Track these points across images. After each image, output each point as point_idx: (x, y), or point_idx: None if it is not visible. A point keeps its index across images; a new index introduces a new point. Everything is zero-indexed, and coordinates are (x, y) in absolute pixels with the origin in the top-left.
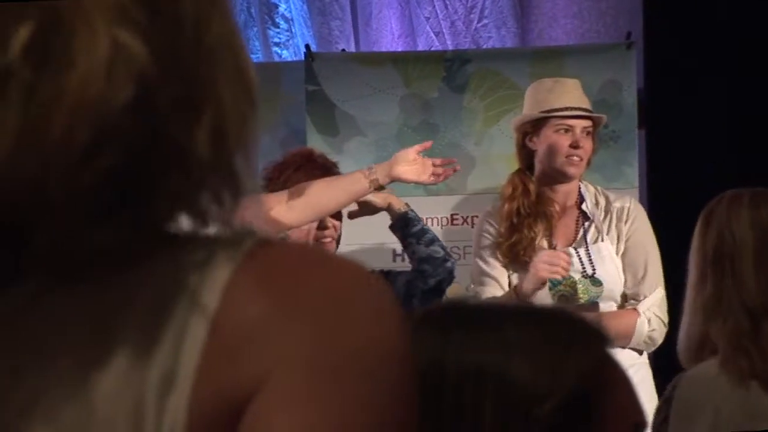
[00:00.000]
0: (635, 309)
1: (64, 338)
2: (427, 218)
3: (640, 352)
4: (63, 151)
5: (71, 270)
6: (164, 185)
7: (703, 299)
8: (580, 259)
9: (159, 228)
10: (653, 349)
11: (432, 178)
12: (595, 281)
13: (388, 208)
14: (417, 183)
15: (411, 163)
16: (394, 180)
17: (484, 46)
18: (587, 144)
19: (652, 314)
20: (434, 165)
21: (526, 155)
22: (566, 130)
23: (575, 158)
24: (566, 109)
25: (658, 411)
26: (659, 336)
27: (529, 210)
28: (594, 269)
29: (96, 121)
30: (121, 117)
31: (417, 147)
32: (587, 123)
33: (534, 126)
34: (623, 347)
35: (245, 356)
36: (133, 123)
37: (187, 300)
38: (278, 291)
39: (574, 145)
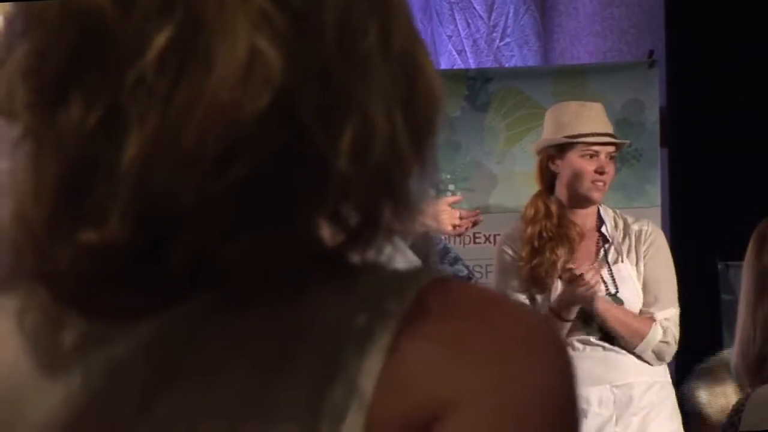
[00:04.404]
0: (651, 317)
1: (229, 370)
2: (449, 237)
3: (664, 370)
4: (196, 158)
5: (239, 288)
6: (305, 197)
7: (762, 315)
8: (602, 278)
9: (319, 251)
10: (659, 364)
11: (453, 230)
12: (617, 299)
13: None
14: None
15: (440, 213)
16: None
17: (507, 65)
18: (611, 169)
19: (667, 326)
20: (460, 217)
21: (548, 177)
22: (591, 156)
23: (600, 183)
24: (593, 135)
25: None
26: (669, 350)
27: (551, 233)
28: (617, 288)
29: (230, 127)
30: (257, 125)
31: (449, 199)
32: (611, 148)
33: (559, 150)
34: (630, 349)
35: (419, 392)
36: (271, 131)
37: (360, 333)
38: (456, 327)
39: (600, 171)
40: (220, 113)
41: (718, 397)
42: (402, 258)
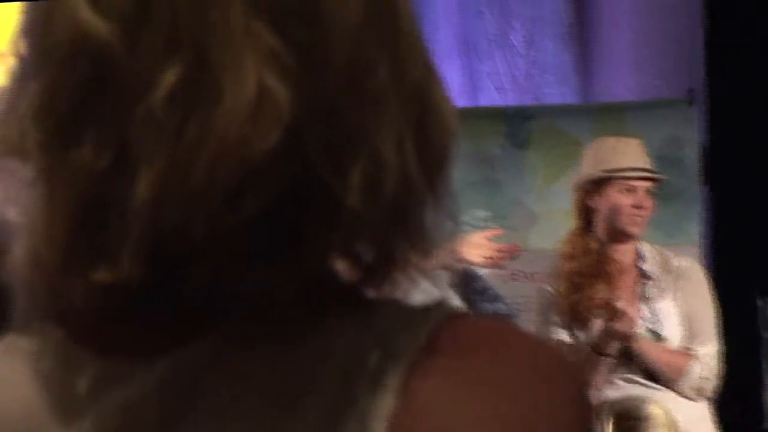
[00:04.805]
0: (690, 352)
1: (243, 405)
2: (488, 274)
3: (703, 408)
4: (206, 194)
5: (251, 323)
6: (316, 233)
7: None
8: (642, 314)
9: (333, 286)
10: (700, 400)
11: (491, 262)
12: (658, 336)
13: (448, 265)
14: (477, 264)
15: (477, 247)
16: (459, 260)
17: (546, 102)
18: (649, 204)
19: (707, 362)
20: (498, 250)
21: (586, 213)
22: (629, 191)
23: (638, 218)
24: (630, 169)
25: None
26: (709, 385)
27: (589, 270)
28: (657, 324)
29: (240, 164)
30: (267, 161)
31: (487, 233)
32: (649, 183)
33: (596, 185)
34: (670, 386)
35: (430, 431)
36: (281, 168)
37: (373, 371)
38: (467, 362)
39: (637, 206)
40: (229, 150)
41: None
42: (419, 292)
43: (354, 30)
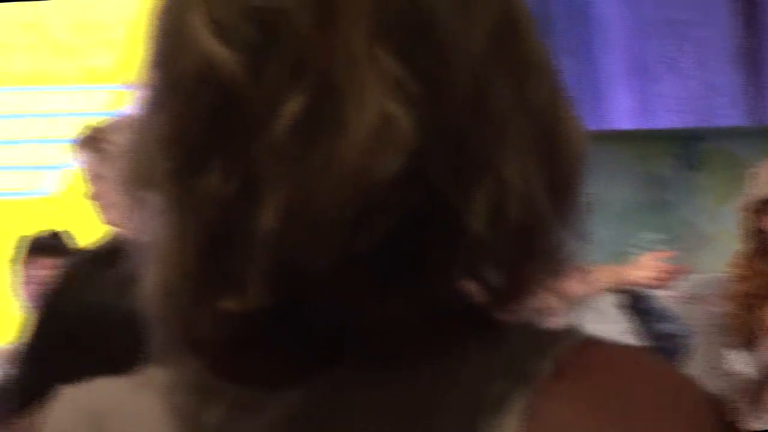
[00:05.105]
0: None
1: (375, 428)
2: (659, 296)
3: None
4: (330, 222)
5: (378, 349)
6: (440, 259)
7: None
8: None
9: (459, 310)
10: None
11: (657, 282)
12: None
13: (616, 287)
14: (646, 286)
15: (647, 268)
16: (628, 283)
17: (717, 124)
18: None
19: None
20: (669, 272)
21: (756, 234)
22: None
23: None
24: None
25: None
26: None
27: (760, 291)
28: None
29: (363, 191)
30: (391, 188)
31: (658, 254)
32: None
33: (766, 205)
34: None
35: None
36: (404, 194)
37: (499, 395)
38: (594, 389)
39: None
40: (353, 178)
41: None
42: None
43: (478, 55)
